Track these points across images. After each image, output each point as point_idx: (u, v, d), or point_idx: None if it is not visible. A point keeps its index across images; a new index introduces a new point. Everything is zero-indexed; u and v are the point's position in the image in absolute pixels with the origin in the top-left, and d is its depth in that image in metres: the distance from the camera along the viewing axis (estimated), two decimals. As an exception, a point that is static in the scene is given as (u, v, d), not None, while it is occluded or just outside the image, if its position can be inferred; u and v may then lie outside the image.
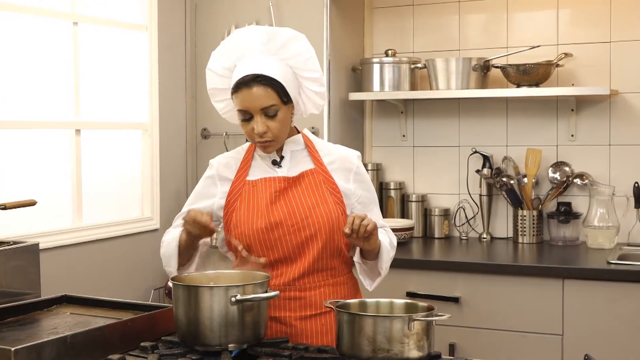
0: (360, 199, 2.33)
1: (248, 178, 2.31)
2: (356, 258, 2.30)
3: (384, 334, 1.82)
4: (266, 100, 2.18)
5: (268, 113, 2.20)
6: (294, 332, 2.25)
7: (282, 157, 2.32)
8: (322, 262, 2.26)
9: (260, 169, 2.32)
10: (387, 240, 2.30)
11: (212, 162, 2.40)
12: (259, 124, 2.19)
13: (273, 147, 2.27)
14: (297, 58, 2.25)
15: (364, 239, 2.13)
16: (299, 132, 2.37)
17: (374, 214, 2.34)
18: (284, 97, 2.21)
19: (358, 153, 2.39)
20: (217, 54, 2.31)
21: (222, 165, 2.37)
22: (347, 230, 2.09)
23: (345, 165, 2.34)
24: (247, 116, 2.22)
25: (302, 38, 2.28)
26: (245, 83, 2.19)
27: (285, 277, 2.25)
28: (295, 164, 2.32)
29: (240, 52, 2.25)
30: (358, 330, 1.85)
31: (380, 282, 2.34)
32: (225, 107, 2.35)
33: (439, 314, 1.88)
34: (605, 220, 3.56)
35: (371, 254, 2.27)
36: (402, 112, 4.06)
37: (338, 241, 2.27)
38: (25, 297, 2.53)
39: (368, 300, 2.04)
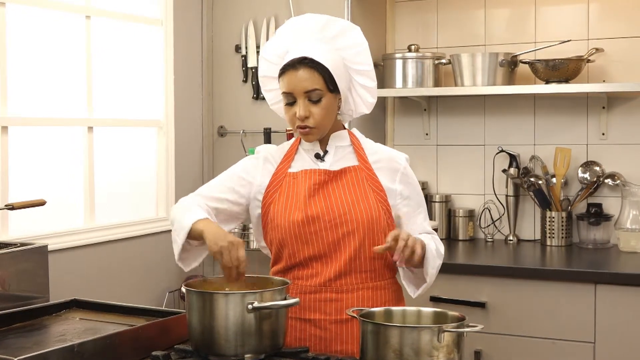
0: (406, 202, 2.26)
1: (290, 170, 2.25)
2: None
3: (411, 346, 1.73)
4: (310, 83, 2.14)
5: (312, 97, 2.15)
6: (329, 337, 2.17)
7: (326, 152, 2.26)
8: (360, 261, 2.18)
9: (303, 162, 2.27)
10: (434, 247, 2.20)
11: (260, 148, 2.35)
12: (301, 107, 2.15)
13: (314, 136, 2.21)
14: (350, 50, 2.23)
15: (406, 261, 2.06)
16: (344, 129, 2.31)
17: (420, 218, 2.29)
18: (330, 84, 2.17)
19: (406, 155, 2.33)
20: (270, 41, 2.28)
21: (269, 153, 2.31)
22: (389, 241, 2.01)
23: (391, 165, 2.27)
24: (291, 100, 2.18)
25: (357, 30, 2.25)
26: (292, 65, 2.16)
27: (321, 277, 2.17)
28: (338, 159, 2.26)
29: (293, 39, 2.23)
30: (384, 341, 1.75)
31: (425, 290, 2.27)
32: (274, 97, 2.32)
33: (471, 324, 1.77)
34: (638, 222, 3.45)
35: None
36: (425, 110, 3.96)
37: (378, 241, 2.17)
38: (33, 301, 2.47)
39: (394, 308, 1.95)
